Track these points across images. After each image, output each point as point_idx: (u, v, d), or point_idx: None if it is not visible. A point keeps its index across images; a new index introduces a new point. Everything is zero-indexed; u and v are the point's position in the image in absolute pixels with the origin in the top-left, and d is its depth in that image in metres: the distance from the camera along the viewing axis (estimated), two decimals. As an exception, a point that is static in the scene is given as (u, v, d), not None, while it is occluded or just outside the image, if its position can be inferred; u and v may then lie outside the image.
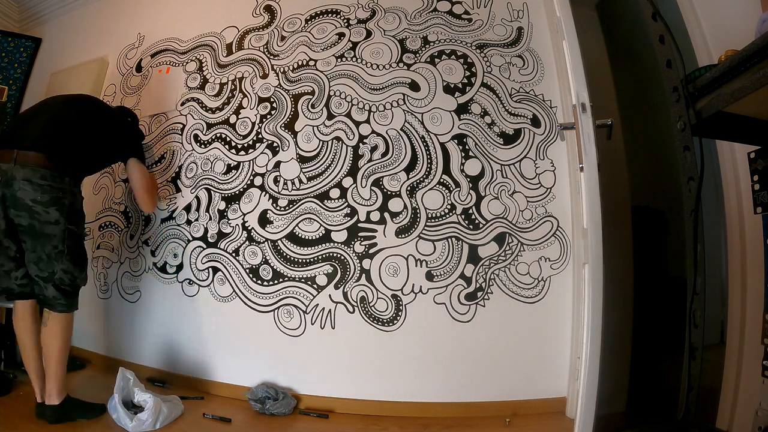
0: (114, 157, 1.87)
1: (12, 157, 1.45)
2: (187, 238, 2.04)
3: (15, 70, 2.83)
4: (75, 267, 1.55)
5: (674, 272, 1.80)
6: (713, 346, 1.50)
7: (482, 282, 1.74)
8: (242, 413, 1.67)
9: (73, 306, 1.57)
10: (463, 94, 1.89)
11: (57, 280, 1.51)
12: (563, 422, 1.58)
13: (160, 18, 2.44)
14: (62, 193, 1.51)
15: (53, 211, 1.48)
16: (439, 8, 1.99)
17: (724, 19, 1.41)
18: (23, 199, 1.44)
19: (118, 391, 1.50)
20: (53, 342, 1.49)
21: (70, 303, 1.55)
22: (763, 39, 0.87)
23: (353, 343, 1.77)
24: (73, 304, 1.57)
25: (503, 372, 1.70)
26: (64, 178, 1.53)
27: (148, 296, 2.09)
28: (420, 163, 1.84)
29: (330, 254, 1.83)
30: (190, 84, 2.23)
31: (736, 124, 1.08)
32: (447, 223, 1.78)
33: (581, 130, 1.08)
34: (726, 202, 1.43)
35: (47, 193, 1.46)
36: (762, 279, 1.26)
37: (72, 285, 1.55)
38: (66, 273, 1.52)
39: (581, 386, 1.06)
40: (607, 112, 1.89)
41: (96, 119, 1.74)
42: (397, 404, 1.70)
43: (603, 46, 2.05)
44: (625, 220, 1.90)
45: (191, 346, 1.96)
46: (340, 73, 1.99)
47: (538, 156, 1.82)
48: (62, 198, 1.50)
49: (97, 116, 1.76)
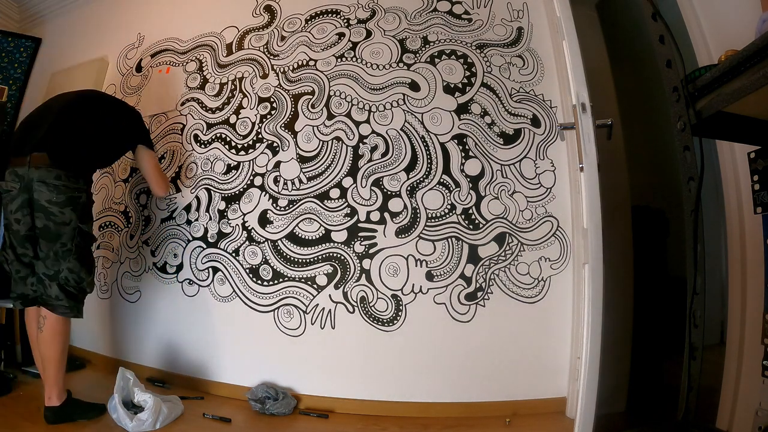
0: (123, 146, 1.85)
1: (26, 161, 1.46)
2: (187, 238, 2.04)
3: (15, 70, 2.83)
4: (81, 267, 1.53)
5: (674, 272, 1.80)
6: (713, 346, 1.50)
7: (482, 282, 1.74)
8: (242, 413, 1.67)
9: (76, 311, 1.52)
10: (463, 94, 1.89)
11: (62, 279, 1.49)
12: (563, 422, 1.58)
13: (160, 18, 2.44)
14: (77, 192, 1.52)
15: (68, 211, 1.48)
16: (439, 8, 1.99)
17: (724, 19, 1.41)
18: (39, 201, 1.45)
19: (118, 391, 1.50)
20: (48, 350, 1.46)
21: (72, 306, 1.51)
22: (763, 39, 0.87)
23: (353, 343, 1.77)
24: (75, 308, 1.52)
25: (503, 372, 1.70)
26: (79, 178, 1.54)
27: (148, 296, 2.09)
28: (420, 163, 1.84)
29: (330, 254, 1.83)
30: (190, 84, 2.23)
31: (736, 124, 1.08)
32: (447, 223, 1.78)
33: (581, 130, 1.08)
34: (726, 202, 1.43)
35: (63, 193, 1.47)
36: (762, 279, 1.26)
37: (77, 287, 1.53)
38: (72, 272, 1.50)
39: (581, 386, 1.06)
40: (607, 112, 1.89)
41: (103, 111, 1.74)
42: (397, 404, 1.70)
43: (603, 46, 2.05)
44: (625, 220, 1.90)
45: (191, 346, 1.97)
46: (340, 73, 1.99)
47: (538, 156, 1.82)
48: (77, 198, 1.52)
49: (104, 108, 1.76)
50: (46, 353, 1.47)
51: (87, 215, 1.58)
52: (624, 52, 2.06)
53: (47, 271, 1.49)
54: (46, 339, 1.47)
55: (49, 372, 1.46)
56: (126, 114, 1.85)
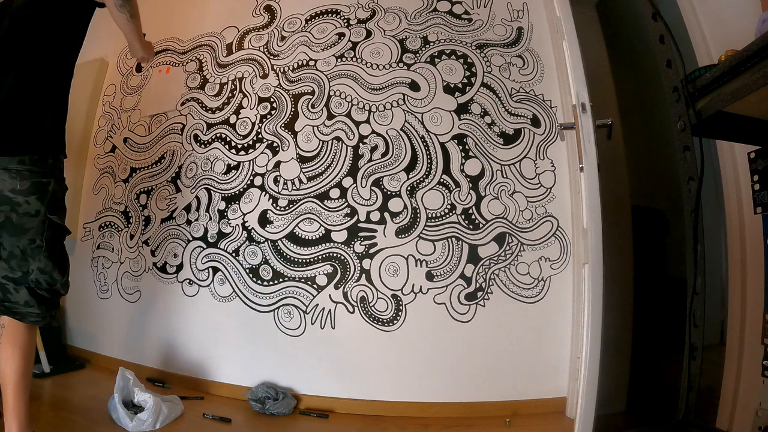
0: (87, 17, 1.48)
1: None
2: (187, 238, 2.04)
3: (15, 70, 2.82)
4: (54, 267, 1.27)
5: (674, 272, 1.80)
6: (713, 346, 1.50)
7: (482, 282, 1.74)
8: (242, 413, 1.67)
9: (49, 317, 1.26)
10: (463, 94, 1.89)
11: (32, 282, 1.23)
12: (563, 422, 1.58)
13: (160, 18, 2.44)
14: (45, 177, 1.25)
15: (34, 200, 1.23)
16: (439, 8, 1.99)
17: (724, 19, 1.41)
18: (2, 191, 1.20)
19: (118, 391, 1.50)
20: (6, 367, 1.17)
21: (45, 314, 1.25)
22: (763, 39, 0.87)
23: (353, 343, 1.77)
24: (48, 315, 1.26)
25: (503, 372, 1.70)
26: (47, 160, 1.26)
27: (148, 296, 2.09)
28: (420, 163, 1.84)
29: (330, 254, 1.83)
30: (190, 84, 2.23)
31: (736, 124, 1.08)
32: (447, 223, 1.78)
33: (581, 130, 1.08)
34: (726, 202, 1.43)
35: (27, 179, 1.21)
36: (762, 279, 1.26)
37: (50, 290, 1.27)
38: (43, 273, 1.25)
39: (581, 386, 1.06)
40: (607, 112, 1.89)
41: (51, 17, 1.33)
42: (397, 404, 1.70)
43: (603, 46, 2.05)
44: (625, 220, 1.89)
45: (191, 346, 1.97)
46: (340, 73, 1.99)
47: (538, 156, 1.82)
48: (45, 184, 1.25)
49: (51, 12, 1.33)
50: (4, 372, 1.17)
51: (58, 205, 1.30)
52: (624, 52, 2.06)
53: (12, 274, 1.23)
54: (4, 355, 1.19)
55: (9, 398, 1.17)
56: None
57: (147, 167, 2.21)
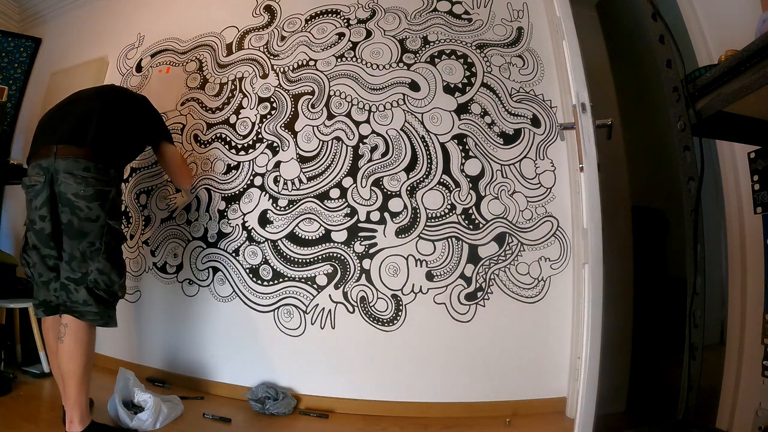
0: (145, 142, 1.73)
1: (52, 152, 1.33)
2: (187, 238, 2.04)
3: (15, 70, 2.83)
4: (112, 269, 1.39)
5: (674, 272, 1.80)
6: (713, 346, 1.50)
7: (482, 282, 1.74)
8: (242, 413, 1.67)
9: (106, 317, 1.37)
10: (463, 94, 1.89)
11: (90, 282, 1.34)
12: (563, 422, 1.58)
13: (160, 18, 2.44)
14: (107, 186, 1.39)
15: (96, 206, 1.34)
16: (439, 8, 1.99)
17: (724, 19, 1.41)
18: (65, 194, 1.31)
19: (118, 391, 1.50)
20: (69, 363, 1.28)
21: (102, 313, 1.35)
22: (763, 39, 0.87)
23: (353, 343, 1.77)
24: (105, 315, 1.37)
25: (503, 372, 1.70)
26: (109, 169, 1.41)
27: (148, 296, 2.09)
28: (420, 163, 1.84)
29: (330, 254, 1.83)
30: (190, 84, 2.23)
31: (736, 124, 1.08)
32: (447, 223, 1.78)
33: (581, 130, 1.08)
34: (726, 202, 1.43)
35: (91, 186, 1.33)
36: (762, 279, 1.26)
37: (108, 291, 1.38)
38: (102, 274, 1.36)
39: (581, 386, 1.06)
40: (607, 112, 1.88)
41: (128, 105, 1.64)
42: (397, 404, 1.70)
43: (603, 46, 2.05)
44: (625, 220, 1.90)
45: (191, 346, 1.96)
46: (340, 73, 1.99)
47: (538, 156, 1.82)
48: (107, 192, 1.38)
49: (129, 102, 1.66)
50: (67, 367, 1.28)
51: (116, 211, 1.44)
52: (624, 52, 2.06)
53: (72, 275, 1.33)
54: (67, 350, 1.29)
55: (70, 390, 1.28)
56: (148, 109, 1.73)
57: (147, 167, 2.21)
